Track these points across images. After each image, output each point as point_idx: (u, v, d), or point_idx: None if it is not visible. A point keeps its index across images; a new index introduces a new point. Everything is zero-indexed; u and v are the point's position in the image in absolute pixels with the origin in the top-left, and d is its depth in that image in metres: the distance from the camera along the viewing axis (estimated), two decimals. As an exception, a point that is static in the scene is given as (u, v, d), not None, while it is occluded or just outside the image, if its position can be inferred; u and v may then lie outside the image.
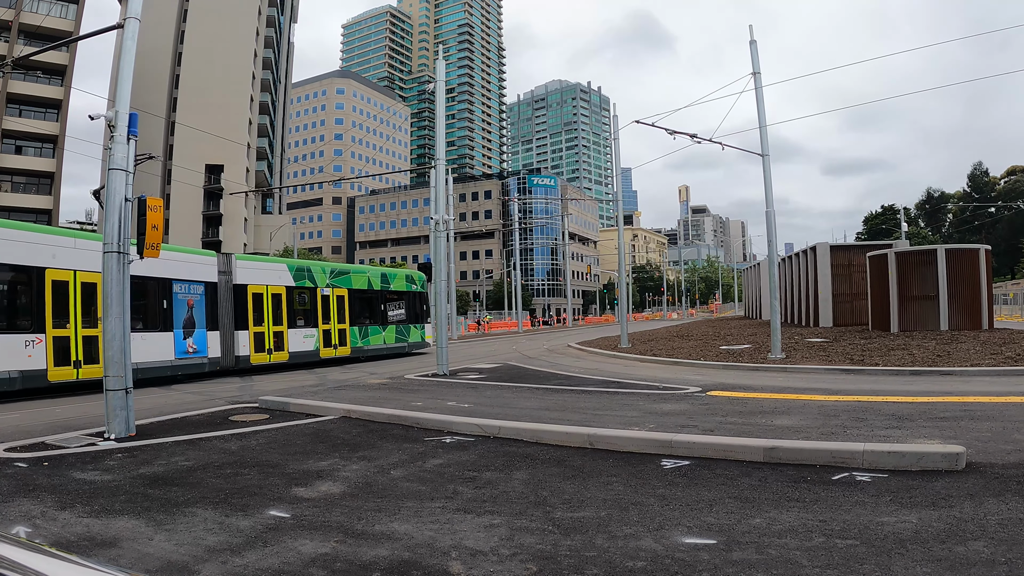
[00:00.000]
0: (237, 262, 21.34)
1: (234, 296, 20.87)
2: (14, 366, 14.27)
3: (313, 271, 24.17)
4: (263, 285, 21.86)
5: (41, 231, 16.63)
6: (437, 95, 19.10)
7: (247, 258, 22.98)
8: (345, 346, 25.10)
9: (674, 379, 14.78)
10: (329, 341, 24.31)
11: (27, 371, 14.57)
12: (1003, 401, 9.74)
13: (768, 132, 19.11)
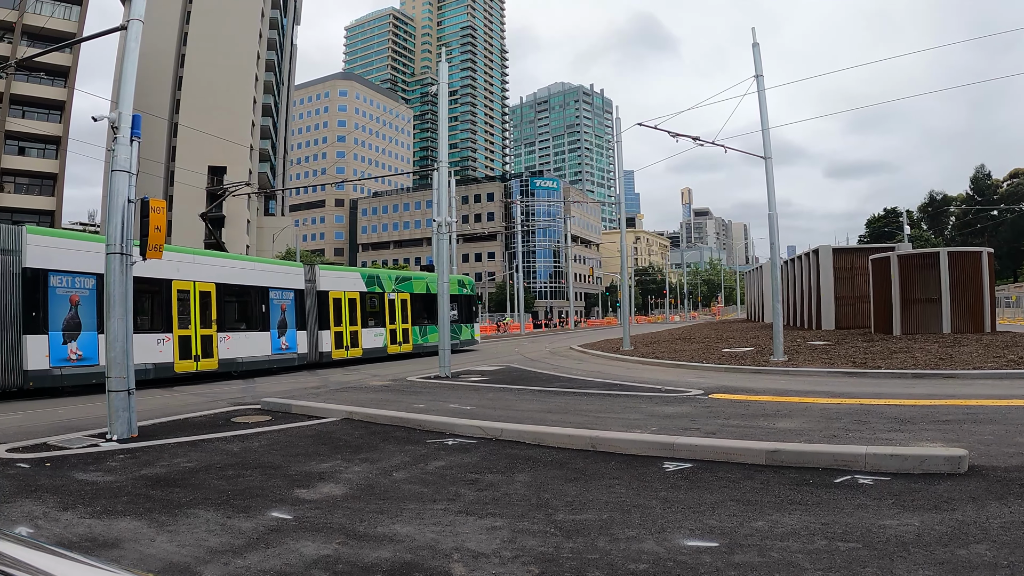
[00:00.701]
0: (320, 272, 24.39)
1: (317, 301, 23.83)
2: (149, 360, 17.26)
3: (381, 278, 27.50)
4: (341, 291, 24.97)
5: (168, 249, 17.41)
6: (440, 97, 19.13)
7: (328, 268, 25.92)
8: (408, 343, 28.39)
9: (676, 382, 14.76)
10: (395, 339, 27.66)
11: (159, 363, 17.67)
12: (1006, 404, 9.72)
13: (771, 134, 19.12)
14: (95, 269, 14.92)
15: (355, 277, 26.40)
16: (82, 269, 16.00)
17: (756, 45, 19.02)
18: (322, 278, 24.26)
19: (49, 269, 15.41)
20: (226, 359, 19.86)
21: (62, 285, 15.72)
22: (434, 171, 22.68)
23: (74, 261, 16.04)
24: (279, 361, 21.86)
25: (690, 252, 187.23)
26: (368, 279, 26.77)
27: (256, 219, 74.80)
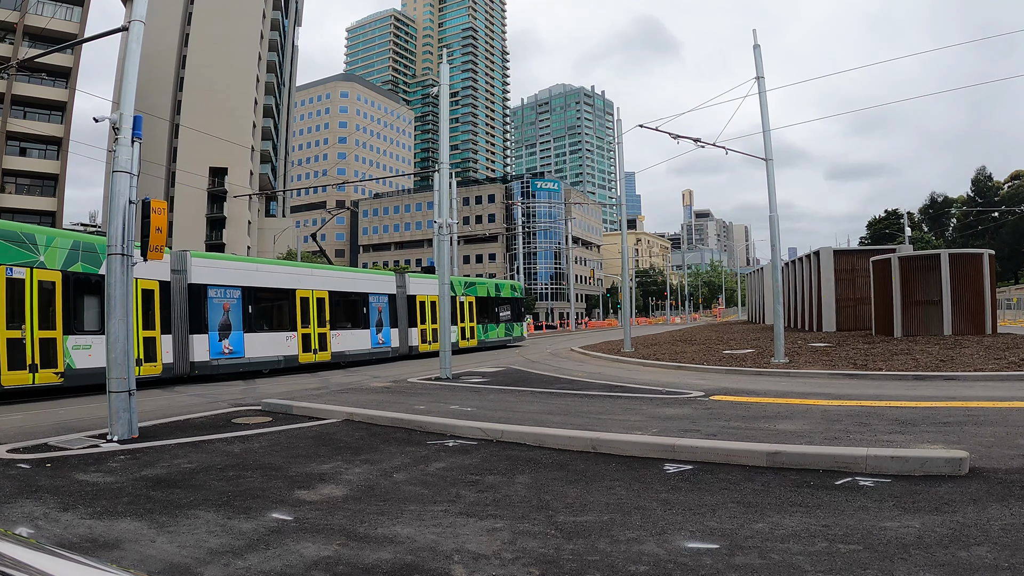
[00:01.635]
0: (409, 279, 28.96)
1: (407, 303, 28.35)
2: (281, 352, 21.91)
3: (454, 284, 30.92)
4: (425, 295, 29.17)
5: (293, 264, 26.33)
6: (441, 99, 19.15)
7: (416, 275, 30.13)
8: (474, 339, 33.25)
9: (677, 383, 14.76)
10: (464, 335, 32.27)
11: (287, 355, 22.14)
12: (1007, 406, 9.71)
13: (772, 136, 19.13)
14: (238, 283, 20.55)
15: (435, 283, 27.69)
16: (229, 283, 20.34)
17: (757, 47, 19.03)
18: (411, 283, 28.85)
19: (207, 284, 19.65)
20: (337, 352, 24.17)
21: (216, 296, 19.92)
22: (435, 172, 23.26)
23: (223, 277, 20.31)
24: (377, 353, 26.32)
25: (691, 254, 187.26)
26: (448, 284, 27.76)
27: (257, 220, 74.85)
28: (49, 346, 15.26)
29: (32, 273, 14.94)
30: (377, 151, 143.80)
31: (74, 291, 15.99)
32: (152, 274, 17.50)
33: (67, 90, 52.49)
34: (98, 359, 15.00)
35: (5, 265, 14.42)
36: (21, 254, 14.82)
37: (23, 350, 14.66)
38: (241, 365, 20.44)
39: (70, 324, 15.79)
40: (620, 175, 29.50)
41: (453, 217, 23.73)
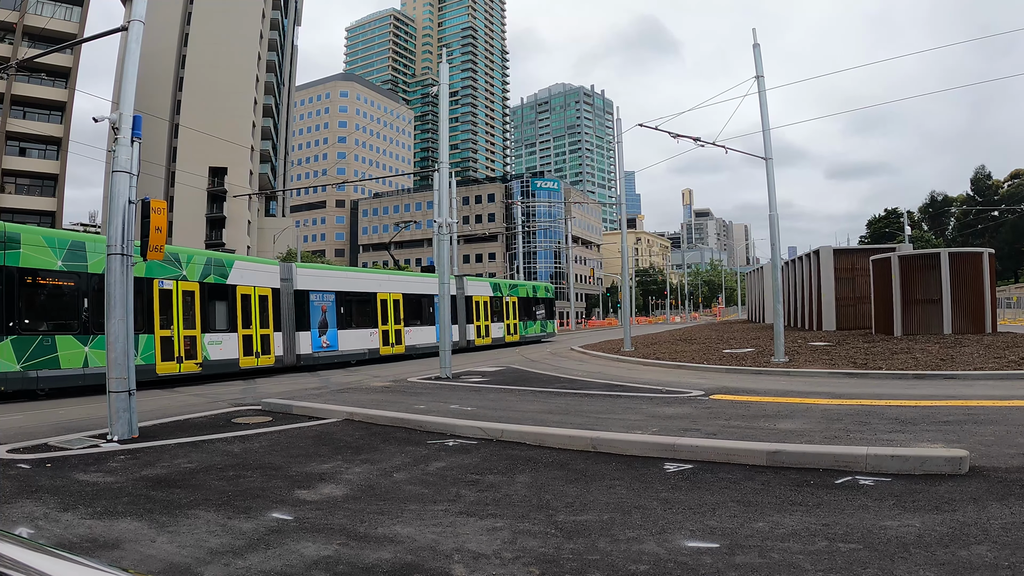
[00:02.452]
0: (467, 281, 33.49)
1: (465, 303, 32.49)
2: (365, 346, 25.66)
3: (501, 286, 36.77)
4: (479, 295, 33.91)
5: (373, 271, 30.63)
6: (440, 98, 19.13)
7: (472, 279, 34.99)
8: (516, 335, 37.35)
9: (677, 383, 14.76)
10: (509, 331, 36.61)
11: (370, 348, 25.93)
12: (1007, 405, 9.71)
13: (772, 136, 19.11)
14: (333, 288, 24.27)
15: (486, 285, 35.58)
16: (326, 288, 24.00)
17: (757, 46, 19.02)
18: (468, 285, 33.34)
19: (309, 290, 23.13)
20: (409, 346, 28.08)
21: (316, 299, 23.43)
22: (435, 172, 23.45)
23: (321, 283, 23.95)
24: None
25: (691, 253, 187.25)
26: (493, 286, 35.96)
27: (257, 220, 74.83)
28: (191, 342, 18.68)
29: (177, 284, 18.37)
30: (377, 151, 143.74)
31: (208, 297, 19.47)
32: (266, 283, 21.56)
33: (67, 90, 52.47)
34: (227, 352, 19.88)
35: (158, 278, 17.74)
36: (169, 269, 18.11)
37: (172, 346, 18.10)
38: (335, 357, 24.12)
39: (206, 324, 19.22)
40: (620, 174, 29.50)
41: (453, 216, 23.74)
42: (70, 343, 15.61)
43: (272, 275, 22.01)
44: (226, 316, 20.06)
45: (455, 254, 39.35)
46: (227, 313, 20.09)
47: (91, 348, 15.82)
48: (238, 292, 20.44)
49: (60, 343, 15.42)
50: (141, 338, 16.69)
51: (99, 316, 14.81)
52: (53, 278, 15.67)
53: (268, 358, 21.34)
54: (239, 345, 20.36)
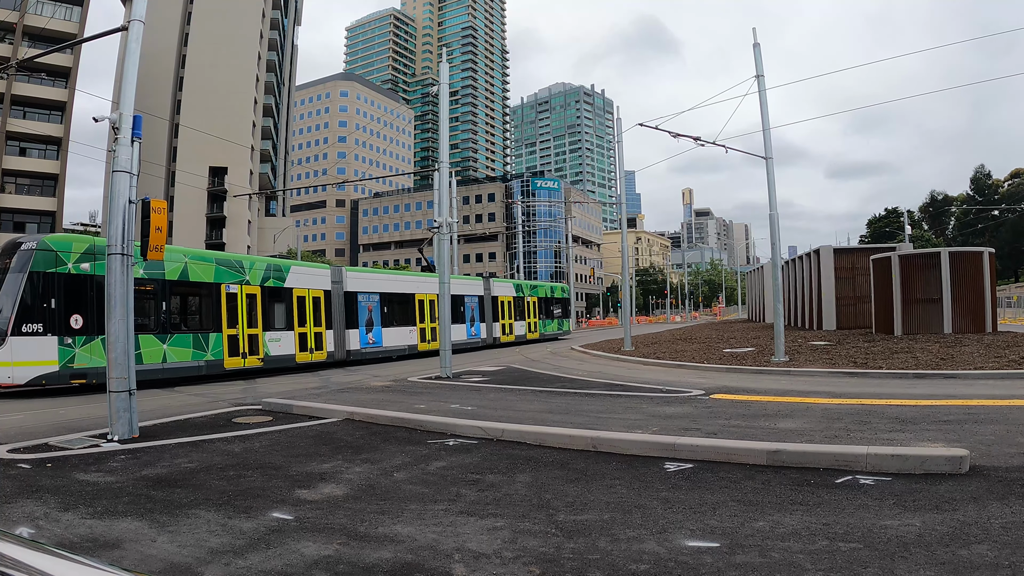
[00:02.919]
0: (493, 283, 36.04)
1: (492, 303, 35.11)
2: (406, 343, 28.10)
3: (523, 286, 39.40)
4: (504, 296, 36.52)
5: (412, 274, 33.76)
6: (440, 98, 19.13)
7: (498, 280, 37.79)
8: (536, 332, 39.98)
9: (677, 382, 14.76)
10: (530, 329, 39.25)
11: (410, 345, 28.32)
12: (1007, 404, 9.71)
13: (772, 135, 19.12)
14: (377, 289, 26.93)
15: (510, 286, 38.37)
16: (371, 290, 26.57)
17: (757, 45, 19.02)
18: (494, 286, 35.96)
19: (357, 291, 25.40)
20: None
21: (363, 300, 25.77)
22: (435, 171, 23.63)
23: (367, 285, 26.51)
24: (471, 343, 32.72)
25: (691, 252, 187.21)
26: (516, 287, 38.74)
27: (257, 220, 74.79)
28: (254, 340, 20.89)
29: (242, 288, 20.59)
30: (377, 150, 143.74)
31: (268, 299, 21.55)
32: (319, 285, 23.76)
33: (67, 90, 52.45)
34: (285, 348, 22.02)
35: (225, 283, 20.03)
36: (234, 275, 20.46)
37: (238, 343, 20.32)
38: (380, 352, 26.47)
39: (266, 323, 21.36)
40: (620, 174, 29.50)
41: (453, 216, 23.76)
42: (151, 341, 17.72)
43: (324, 278, 24.26)
44: (284, 316, 22.29)
45: (455, 254, 39.49)
46: (285, 313, 22.32)
47: (169, 346, 18.21)
48: (294, 294, 22.70)
49: (143, 342, 17.11)
50: (211, 336, 19.44)
51: (175, 317, 18.88)
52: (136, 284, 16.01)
53: (321, 354, 23.53)
54: (295, 342, 22.55)
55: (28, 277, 15.83)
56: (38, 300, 15.91)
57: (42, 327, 15.84)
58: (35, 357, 15.66)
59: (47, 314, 15.92)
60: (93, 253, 16.46)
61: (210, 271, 19.70)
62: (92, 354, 16.21)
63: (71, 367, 16.04)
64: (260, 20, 73.14)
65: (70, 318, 16.16)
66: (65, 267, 16.14)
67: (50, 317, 15.94)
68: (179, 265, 18.76)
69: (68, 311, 16.14)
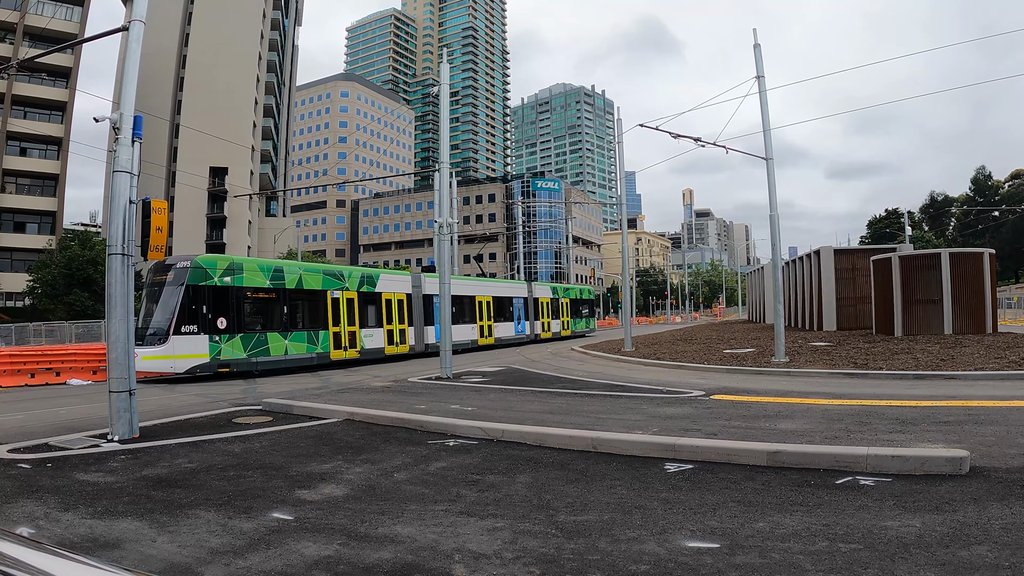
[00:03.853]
0: (534, 286, 40.74)
1: (534, 303, 39.73)
2: (469, 337, 32.35)
3: (558, 289, 44.15)
4: (543, 297, 40.99)
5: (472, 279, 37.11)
6: (441, 98, 19.15)
7: (538, 284, 42.01)
8: (568, 330, 44.20)
9: (677, 383, 14.76)
10: (563, 327, 43.47)
11: (472, 339, 32.71)
12: (1007, 405, 9.71)
13: (773, 136, 19.11)
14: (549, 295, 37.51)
15: (547, 288, 42.73)
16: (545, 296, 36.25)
17: (757, 46, 19.01)
18: (535, 289, 40.45)
19: (432, 294, 28.24)
20: (497, 338, 35.12)
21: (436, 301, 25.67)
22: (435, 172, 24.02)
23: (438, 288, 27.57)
24: (518, 339, 37.27)
25: (691, 253, 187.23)
26: (552, 290, 43.21)
27: (258, 220, 74.85)
28: (353, 336, 24.88)
29: (343, 293, 24.70)
30: (377, 151, 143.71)
31: (363, 302, 25.54)
32: (402, 289, 28.10)
33: (67, 90, 52.51)
34: (376, 342, 26.31)
35: (330, 290, 24.15)
36: (337, 283, 24.60)
37: (340, 338, 24.34)
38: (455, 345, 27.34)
39: (362, 322, 25.34)
40: (620, 174, 29.50)
41: (454, 216, 23.74)
42: (276, 338, 21.77)
43: (406, 283, 28.61)
44: (375, 315, 26.39)
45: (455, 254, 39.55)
46: (376, 313, 26.44)
47: (289, 341, 22.24)
48: (383, 297, 26.96)
49: (270, 338, 21.57)
50: (320, 333, 23.59)
51: (294, 318, 22.80)
52: (264, 292, 21.74)
53: (404, 347, 27.74)
54: (384, 337, 26.81)
55: (185, 289, 19.66)
56: (192, 307, 19.74)
57: (196, 328, 19.68)
58: (191, 351, 19.56)
59: (199, 317, 19.78)
60: (232, 270, 20.81)
61: (319, 280, 24.00)
62: (233, 348, 20.40)
63: (218, 359, 20.04)
64: (261, 20, 73.24)
65: (216, 320, 20.11)
66: (212, 280, 20.18)
67: (201, 320, 19.79)
68: (295, 276, 23.02)
69: (215, 315, 20.09)
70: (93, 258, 44.06)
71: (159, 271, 20.47)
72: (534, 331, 39.36)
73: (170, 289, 19.88)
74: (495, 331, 34.97)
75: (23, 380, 19.10)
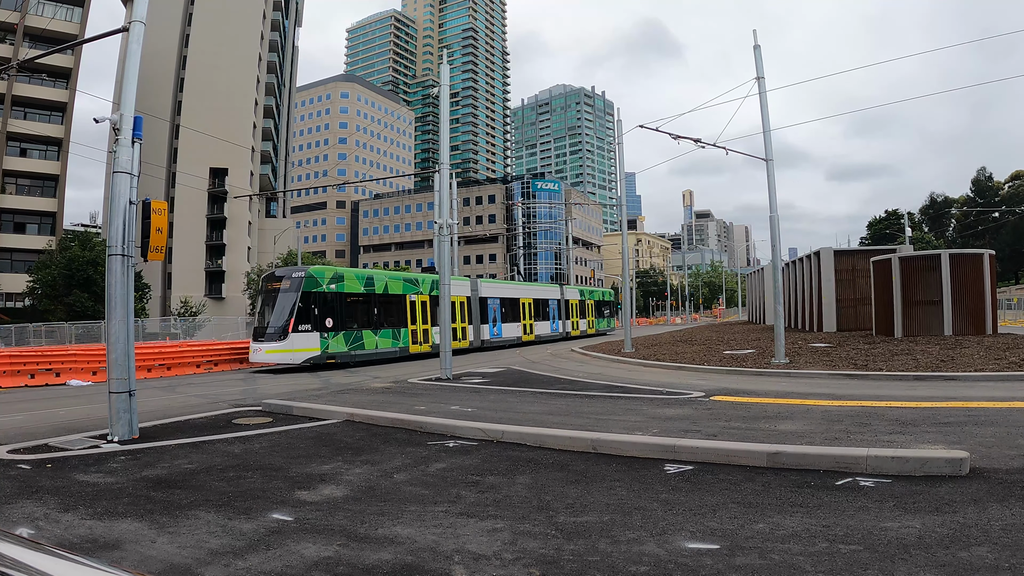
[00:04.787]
0: (565, 289, 45.18)
1: (565, 304, 44.06)
2: (515, 335, 36.52)
3: (584, 292, 48.74)
4: (572, 299, 45.48)
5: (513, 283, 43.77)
6: (441, 99, 19.15)
7: (568, 287, 46.44)
8: (592, 328, 48.20)
9: (678, 384, 14.75)
10: (589, 325, 47.72)
11: (518, 336, 36.76)
12: (1007, 406, 9.71)
13: (773, 137, 19.11)
14: (498, 295, 35.68)
15: (576, 291, 47.23)
16: (495, 295, 35.38)
17: (757, 47, 19.02)
18: (566, 291, 44.98)
19: (486, 296, 34.22)
20: (537, 335, 39.40)
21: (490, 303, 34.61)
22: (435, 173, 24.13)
23: (493, 292, 35.52)
24: (553, 336, 41.53)
25: (691, 254, 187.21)
26: (580, 292, 47.82)
27: (258, 221, 74.85)
28: (426, 332, 28.85)
29: (418, 296, 28.82)
30: (377, 151, 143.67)
31: (432, 304, 29.03)
32: (462, 292, 31.86)
33: (67, 91, 52.47)
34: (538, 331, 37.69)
35: (408, 294, 28.34)
36: (414, 288, 28.79)
37: (417, 335, 28.38)
38: (502, 342, 35.17)
39: (432, 321, 28.89)
40: (620, 175, 29.51)
41: (454, 218, 23.74)
42: (369, 335, 25.58)
43: (465, 287, 32.83)
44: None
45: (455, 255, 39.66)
46: None
47: (379, 337, 26.14)
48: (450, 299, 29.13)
49: (364, 335, 25.33)
50: (402, 330, 27.68)
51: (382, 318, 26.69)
52: (359, 297, 25.65)
53: (464, 342, 31.78)
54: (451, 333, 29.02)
55: (301, 295, 23.23)
56: (306, 309, 23.29)
57: (309, 327, 23.25)
58: (306, 346, 23.14)
59: (312, 318, 23.33)
60: (336, 278, 24.48)
61: (400, 286, 28.36)
62: (337, 344, 23.76)
63: (327, 352, 23.47)
64: (261, 21, 73.24)
65: (324, 320, 23.62)
66: (321, 287, 23.78)
67: (313, 320, 23.36)
68: (383, 283, 27.59)
69: (323, 316, 23.60)
70: (93, 259, 43.97)
71: (274, 280, 24.51)
72: (565, 329, 43.80)
73: (287, 295, 23.51)
74: (535, 329, 39.57)
75: (23, 381, 19.09)
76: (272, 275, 25.07)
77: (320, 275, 24.09)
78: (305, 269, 24.16)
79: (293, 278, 23.72)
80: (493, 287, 36.48)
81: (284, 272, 24.49)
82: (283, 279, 24.06)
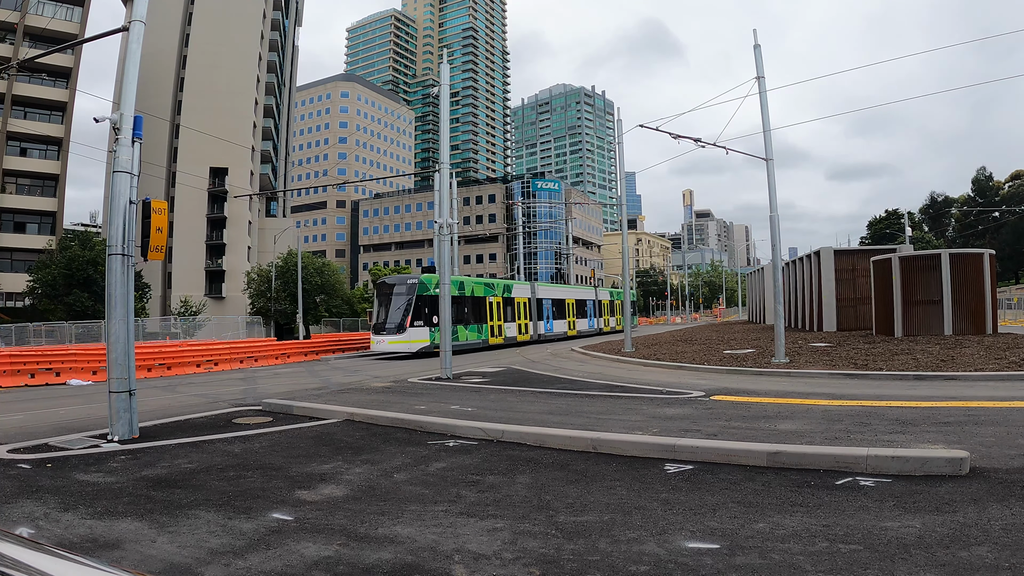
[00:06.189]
0: (598, 291, 52.76)
1: (598, 304, 50.69)
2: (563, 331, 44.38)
3: (612, 292, 55.47)
4: (604, 299, 52.18)
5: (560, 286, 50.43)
6: (441, 99, 19.14)
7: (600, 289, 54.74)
8: (620, 325, 51.99)
9: (678, 383, 14.75)
10: (618, 322, 53.59)
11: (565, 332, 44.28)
12: (1007, 406, 9.70)
13: (773, 137, 19.11)
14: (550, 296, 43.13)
15: (607, 292, 54.59)
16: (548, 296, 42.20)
17: (757, 47, 19.01)
18: (599, 293, 52.27)
19: (542, 297, 41.16)
20: (577, 331, 45.76)
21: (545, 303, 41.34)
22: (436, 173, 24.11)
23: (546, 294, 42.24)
24: (590, 332, 47.94)
25: (692, 254, 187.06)
26: (610, 293, 54.76)
27: (258, 220, 74.83)
28: (500, 328, 35.51)
29: (494, 298, 35.35)
30: (377, 151, 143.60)
31: (504, 304, 35.99)
32: (525, 294, 39.03)
33: (67, 90, 52.45)
34: (512, 333, 37.15)
35: (487, 296, 34.78)
36: (491, 291, 35.28)
37: (493, 330, 34.85)
38: (552, 337, 41.59)
39: (504, 318, 35.70)
40: (621, 175, 29.52)
41: (454, 217, 23.74)
42: (461, 329, 31.18)
43: (527, 290, 39.83)
44: (511, 314, 37.26)
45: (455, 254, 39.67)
46: (511, 312, 37.29)
47: (468, 331, 32.15)
48: (516, 300, 38.06)
49: (459, 329, 30.21)
50: (483, 326, 34.02)
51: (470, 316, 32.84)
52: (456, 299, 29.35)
53: (526, 336, 38.61)
54: (516, 329, 37.85)
55: (416, 297, 29.31)
56: (419, 308, 29.28)
57: (421, 323, 29.19)
58: (419, 338, 29.05)
59: (423, 316, 29.22)
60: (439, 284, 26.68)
61: (481, 289, 34.75)
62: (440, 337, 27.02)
63: (434, 343, 27.64)
64: (261, 21, 73.21)
65: (432, 318, 28.58)
66: (429, 291, 29.10)
67: (424, 317, 29.20)
68: (471, 287, 33.98)
69: (430, 314, 28.70)
70: (93, 258, 43.95)
71: (387, 285, 31.02)
72: (599, 325, 50.33)
73: (403, 297, 29.74)
74: (577, 325, 46.24)
75: (23, 380, 19.09)
76: (385, 282, 31.70)
77: (428, 281, 29.48)
78: (417, 277, 30.06)
79: (408, 284, 30.10)
80: (546, 289, 42.99)
81: (397, 279, 31.25)
82: (396, 284, 30.58)
